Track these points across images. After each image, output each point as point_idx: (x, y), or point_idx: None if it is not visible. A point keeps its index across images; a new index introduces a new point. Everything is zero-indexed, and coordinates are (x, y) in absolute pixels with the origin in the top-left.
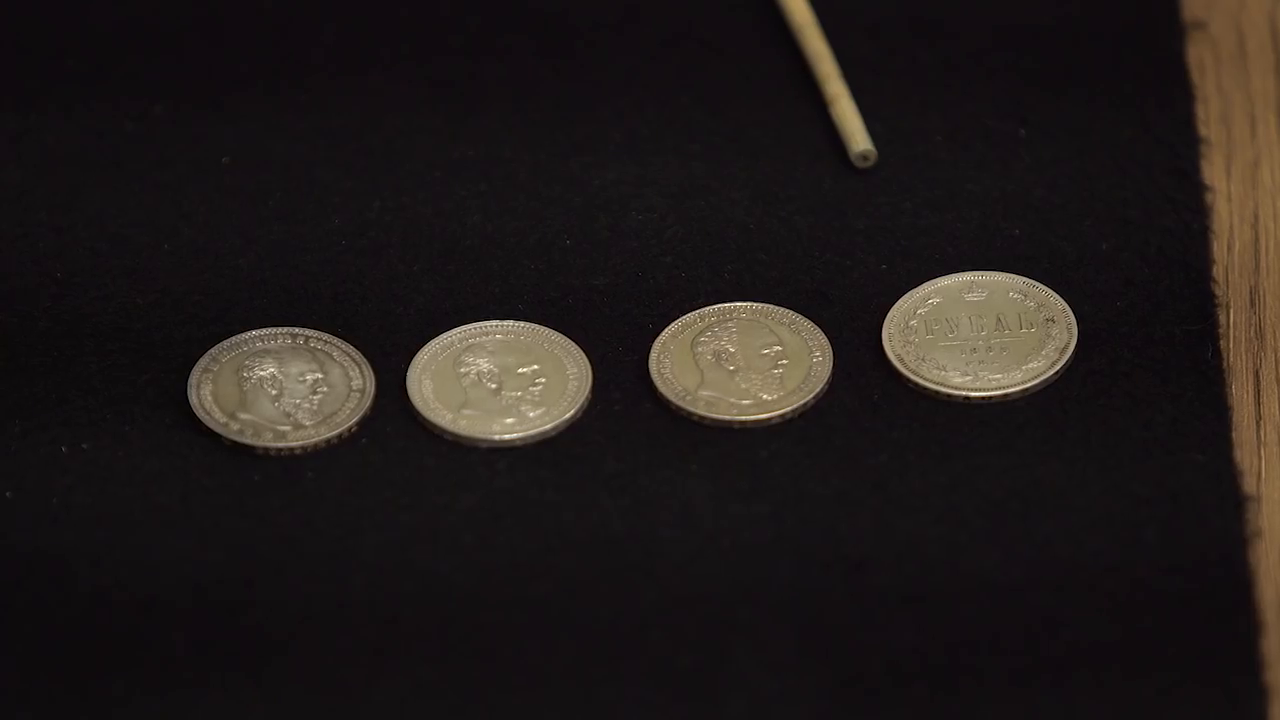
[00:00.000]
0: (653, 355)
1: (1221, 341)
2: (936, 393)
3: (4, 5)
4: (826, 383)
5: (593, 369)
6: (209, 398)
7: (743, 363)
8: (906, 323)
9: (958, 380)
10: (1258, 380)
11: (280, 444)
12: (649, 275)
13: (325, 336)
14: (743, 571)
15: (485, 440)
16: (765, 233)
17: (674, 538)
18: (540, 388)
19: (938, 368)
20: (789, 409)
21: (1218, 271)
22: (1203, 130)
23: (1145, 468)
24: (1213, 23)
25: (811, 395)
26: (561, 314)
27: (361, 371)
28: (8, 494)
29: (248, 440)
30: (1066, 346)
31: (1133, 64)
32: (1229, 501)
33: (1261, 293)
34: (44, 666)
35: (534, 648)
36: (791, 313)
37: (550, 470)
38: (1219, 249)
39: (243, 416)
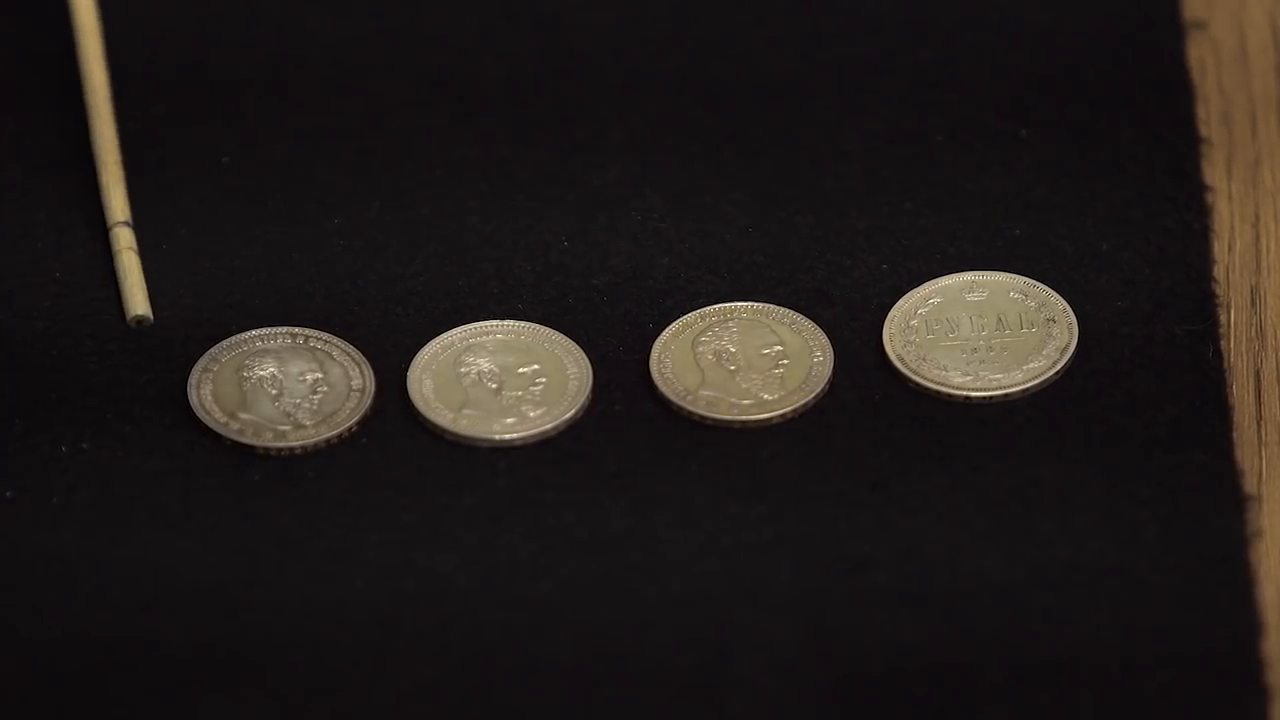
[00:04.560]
0: (653, 355)
1: (1222, 341)
2: (937, 393)
3: (4, 5)
4: (827, 382)
5: (593, 369)
6: (209, 397)
7: (743, 362)
8: (907, 322)
9: (958, 380)
10: (1258, 380)
11: (280, 444)
12: (649, 275)
13: (325, 336)
14: (743, 571)
15: (486, 440)
16: (765, 232)
17: (674, 538)
18: (541, 387)
19: (938, 367)
20: (790, 409)
21: (1218, 271)
22: (1203, 130)
23: (1145, 468)
24: (1213, 22)
25: (812, 395)
26: (562, 314)
27: (362, 371)
28: (8, 494)
29: (248, 440)
30: (1067, 346)
31: (1133, 64)
32: (1229, 501)
33: (1262, 292)
34: (44, 666)
35: (534, 648)
36: (792, 312)
37: (551, 470)
38: (1220, 249)
39: (243, 416)
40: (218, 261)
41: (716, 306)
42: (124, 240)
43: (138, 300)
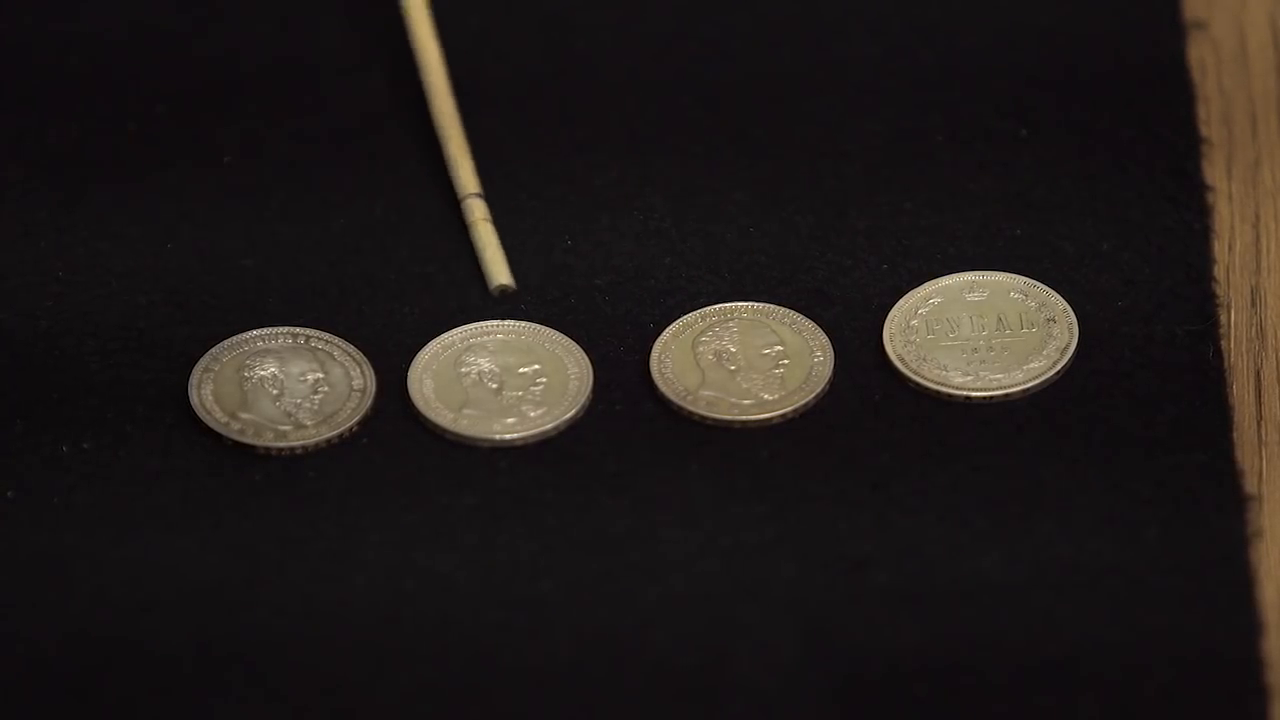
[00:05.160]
0: (654, 355)
1: (1222, 341)
2: (937, 393)
3: (6, 4)
4: (827, 382)
5: (594, 369)
6: (210, 397)
7: (744, 362)
8: (908, 322)
9: (959, 380)
10: (1259, 380)
11: (281, 444)
12: (650, 275)
13: (326, 336)
14: (743, 571)
15: (486, 440)
16: (766, 232)
17: (674, 538)
18: (541, 387)
19: (939, 367)
20: (790, 409)
21: (1219, 271)
22: (1204, 130)
23: (1146, 468)
24: (1214, 22)
25: (812, 395)
26: (563, 313)
27: (362, 371)
28: (8, 494)
29: (249, 440)
30: (1067, 346)
31: (1134, 64)
32: (1230, 501)
33: (1262, 292)
34: (44, 666)
35: (534, 648)
36: (793, 312)
37: (551, 470)
38: (1220, 249)
39: (244, 416)
40: (220, 261)
41: (717, 306)
42: (478, 211)
43: (500, 270)
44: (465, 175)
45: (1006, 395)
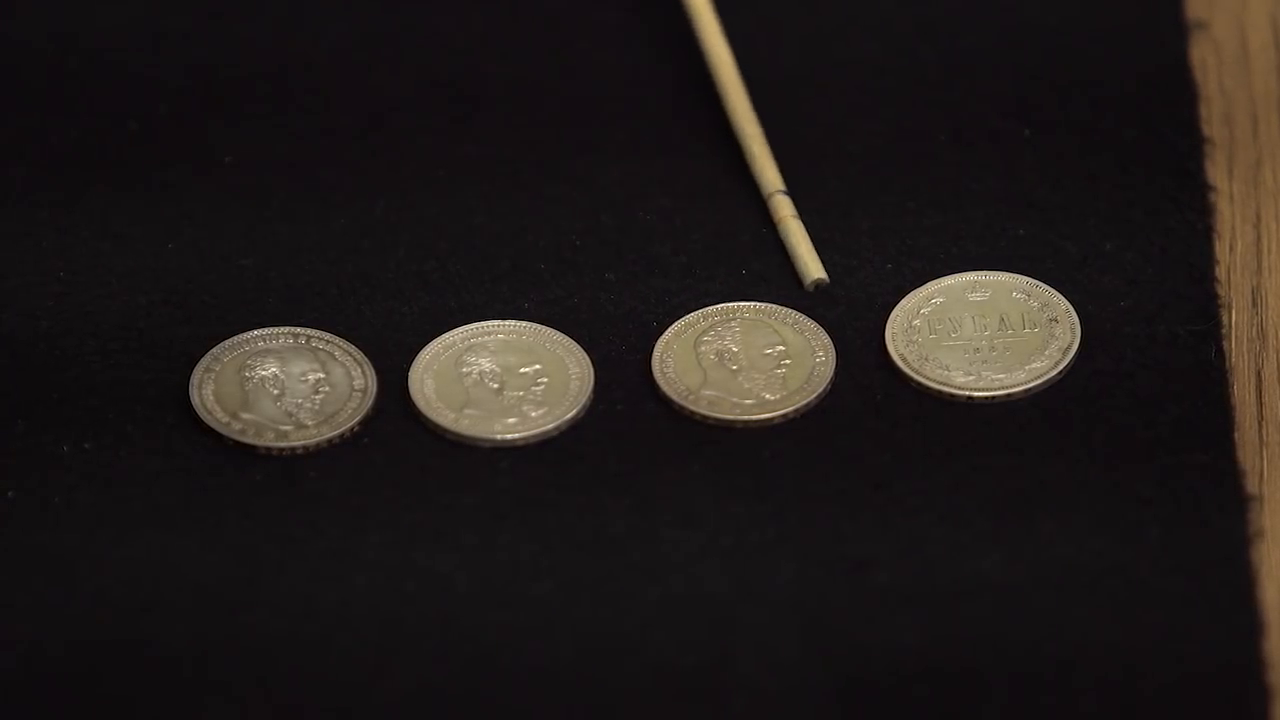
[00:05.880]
0: (655, 355)
1: (1224, 341)
2: (940, 392)
3: (8, 5)
4: (829, 382)
5: (595, 368)
6: (211, 397)
7: (745, 362)
8: (910, 322)
9: (961, 380)
10: (1260, 380)
11: (282, 444)
12: (652, 274)
13: (327, 336)
14: (744, 571)
15: (487, 440)
16: (771, 232)
17: (675, 538)
18: (542, 387)
19: (941, 367)
20: (791, 409)
21: (1220, 271)
22: (1205, 130)
23: (1147, 468)
24: (1215, 23)
25: (814, 395)
26: (564, 313)
27: (363, 371)
28: (9, 494)
29: (249, 440)
30: (1069, 346)
31: (1136, 64)
32: (1231, 501)
33: (1264, 293)
34: (44, 666)
35: (534, 648)
36: (795, 312)
37: (552, 470)
38: (1221, 249)
39: (244, 416)
40: (221, 261)
41: (719, 306)
42: (786, 209)
43: (814, 266)
44: (770, 173)
45: (1009, 395)
